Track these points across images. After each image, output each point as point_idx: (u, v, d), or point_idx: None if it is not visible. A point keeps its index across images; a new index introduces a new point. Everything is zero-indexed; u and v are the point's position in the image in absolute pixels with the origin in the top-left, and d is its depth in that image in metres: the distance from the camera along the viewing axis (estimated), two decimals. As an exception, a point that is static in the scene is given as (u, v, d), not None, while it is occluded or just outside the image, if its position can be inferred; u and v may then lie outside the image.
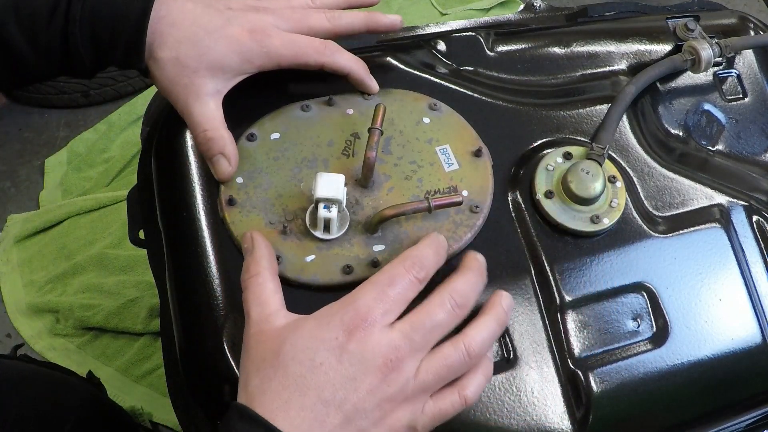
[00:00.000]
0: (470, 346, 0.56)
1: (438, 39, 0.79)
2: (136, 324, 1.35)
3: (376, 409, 0.53)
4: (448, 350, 0.56)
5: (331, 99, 0.71)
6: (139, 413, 1.23)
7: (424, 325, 0.55)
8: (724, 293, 0.70)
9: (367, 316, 0.54)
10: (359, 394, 0.52)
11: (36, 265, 1.49)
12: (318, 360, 0.52)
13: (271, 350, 0.54)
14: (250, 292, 0.58)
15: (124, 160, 1.62)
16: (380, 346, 0.53)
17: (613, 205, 0.69)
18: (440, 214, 0.66)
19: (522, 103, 0.75)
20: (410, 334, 0.54)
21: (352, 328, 0.53)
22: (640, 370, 0.66)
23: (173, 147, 0.70)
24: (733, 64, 0.84)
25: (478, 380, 0.57)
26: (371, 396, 0.53)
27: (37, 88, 1.72)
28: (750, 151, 0.82)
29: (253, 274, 0.58)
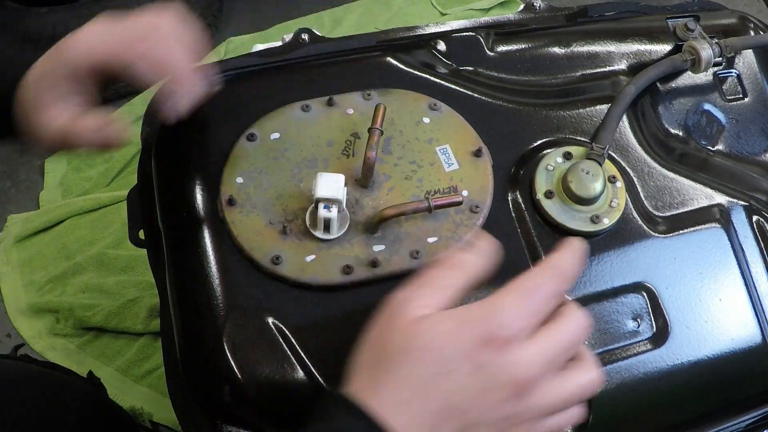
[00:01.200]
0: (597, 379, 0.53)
1: (438, 39, 0.79)
2: (136, 324, 1.35)
3: (494, 425, 0.50)
4: (578, 376, 0.52)
5: (331, 99, 0.71)
6: (139, 413, 1.23)
7: (562, 346, 0.51)
8: (724, 293, 0.70)
9: (509, 328, 0.50)
10: (484, 407, 0.49)
11: (36, 265, 1.48)
12: (452, 365, 0.49)
13: (399, 342, 0.50)
14: (433, 270, 0.53)
15: (124, 160, 1.62)
16: (516, 363, 0.50)
17: (613, 205, 0.69)
18: (440, 214, 0.66)
19: (522, 103, 0.75)
20: (547, 353, 0.51)
21: (491, 338, 0.49)
22: (640, 370, 0.66)
23: (173, 147, 0.70)
24: (733, 64, 0.84)
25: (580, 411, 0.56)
26: (495, 411, 0.49)
27: (37, 88, 1.72)
28: (750, 151, 0.82)
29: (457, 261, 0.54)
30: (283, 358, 0.61)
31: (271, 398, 0.61)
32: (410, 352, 0.50)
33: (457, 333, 0.50)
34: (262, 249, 0.64)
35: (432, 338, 0.50)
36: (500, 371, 0.49)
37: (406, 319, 0.51)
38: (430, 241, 0.65)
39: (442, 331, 0.50)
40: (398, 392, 0.49)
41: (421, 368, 0.49)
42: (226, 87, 0.73)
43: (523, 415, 0.51)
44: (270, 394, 0.61)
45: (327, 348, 0.62)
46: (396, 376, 0.49)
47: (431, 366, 0.49)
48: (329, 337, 0.62)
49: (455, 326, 0.50)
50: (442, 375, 0.49)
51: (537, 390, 0.51)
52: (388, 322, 0.52)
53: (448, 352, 0.49)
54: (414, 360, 0.49)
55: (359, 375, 0.52)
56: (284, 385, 0.61)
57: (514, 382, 0.50)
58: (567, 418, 0.54)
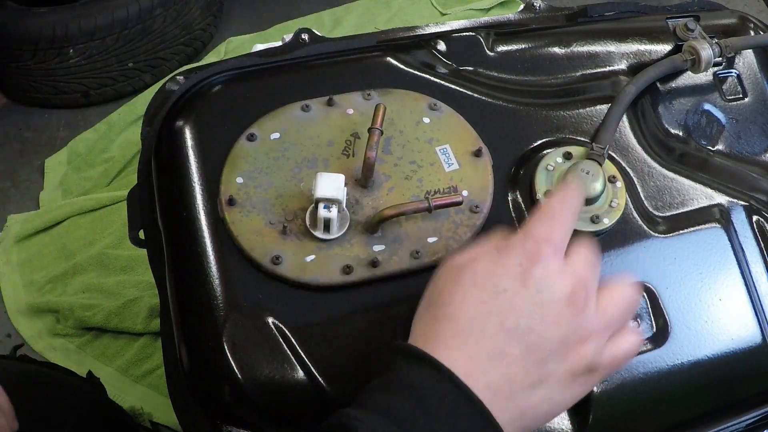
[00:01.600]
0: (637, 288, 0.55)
1: (438, 39, 0.79)
2: (136, 324, 1.35)
3: (560, 342, 0.50)
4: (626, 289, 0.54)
5: (331, 99, 0.71)
6: (139, 413, 1.23)
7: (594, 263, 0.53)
8: (724, 293, 0.70)
9: (548, 242, 0.51)
10: (545, 324, 0.49)
11: (36, 265, 1.49)
12: (502, 286, 0.50)
13: (448, 283, 0.52)
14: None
15: (124, 160, 1.63)
16: (565, 274, 0.51)
17: (613, 205, 0.69)
18: (440, 214, 0.66)
19: (522, 103, 0.75)
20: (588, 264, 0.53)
21: (534, 254, 0.51)
22: (640, 370, 0.66)
23: (173, 147, 0.70)
24: (733, 64, 0.84)
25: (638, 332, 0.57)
26: (557, 327, 0.50)
27: (37, 88, 1.73)
28: (750, 151, 0.82)
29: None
30: (283, 358, 0.61)
31: (271, 398, 0.61)
32: (459, 286, 0.51)
33: (501, 260, 0.51)
34: (262, 249, 0.64)
35: (479, 268, 0.51)
36: (550, 283, 0.50)
37: (450, 266, 0.53)
38: (430, 241, 0.65)
39: (487, 261, 0.52)
40: (452, 327, 0.49)
41: (472, 296, 0.50)
42: (226, 87, 0.73)
43: (584, 330, 0.51)
44: (270, 394, 0.61)
45: (327, 348, 0.62)
46: (447, 312, 0.50)
47: (482, 291, 0.50)
48: (329, 337, 0.62)
49: (497, 255, 0.52)
50: (495, 296, 0.50)
51: (590, 300, 0.52)
52: (438, 275, 0.54)
53: (497, 275, 0.50)
54: (464, 291, 0.50)
55: (416, 326, 0.52)
56: (284, 385, 0.61)
57: (567, 293, 0.50)
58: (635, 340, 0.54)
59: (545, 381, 0.50)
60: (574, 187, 0.58)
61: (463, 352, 0.48)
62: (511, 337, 0.49)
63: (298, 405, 0.61)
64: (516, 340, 0.49)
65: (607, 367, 0.53)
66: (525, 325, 0.49)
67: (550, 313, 0.50)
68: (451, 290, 0.51)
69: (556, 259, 0.51)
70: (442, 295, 0.52)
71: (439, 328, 0.50)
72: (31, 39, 1.62)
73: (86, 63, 1.69)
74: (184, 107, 0.72)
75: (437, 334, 0.50)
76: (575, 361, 0.51)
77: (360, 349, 0.62)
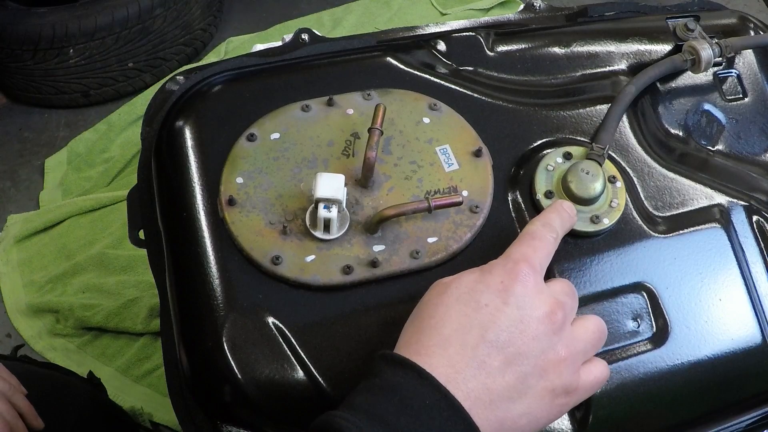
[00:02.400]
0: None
1: (438, 39, 0.79)
2: (136, 324, 1.35)
3: (538, 357, 0.52)
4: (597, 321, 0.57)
5: (331, 99, 0.71)
6: (139, 413, 1.23)
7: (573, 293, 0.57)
8: (724, 293, 0.70)
9: (527, 263, 0.55)
10: (524, 338, 0.52)
11: (36, 265, 1.49)
12: (483, 301, 0.53)
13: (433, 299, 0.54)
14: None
15: (124, 160, 1.63)
16: (543, 294, 0.54)
17: (613, 205, 0.69)
18: (440, 214, 0.66)
19: (522, 103, 0.75)
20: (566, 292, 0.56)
21: (515, 273, 0.54)
22: (640, 370, 0.66)
23: (173, 147, 0.70)
24: (733, 64, 0.84)
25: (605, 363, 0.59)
26: (536, 342, 0.52)
27: (37, 88, 1.73)
28: (750, 151, 0.82)
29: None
30: (283, 358, 0.61)
31: (271, 398, 0.61)
32: (443, 300, 0.54)
33: (483, 278, 0.54)
34: (262, 249, 0.64)
35: (462, 285, 0.54)
36: (529, 301, 0.53)
37: (437, 284, 0.56)
38: (430, 241, 0.65)
39: (471, 279, 0.54)
40: (434, 337, 0.52)
41: (455, 309, 0.53)
42: (226, 87, 0.73)
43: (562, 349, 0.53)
44: (270, 394, 0.61)
45: (327, 348, 0.62)
46: (431, 323, 0.53)
47: (465, 306, 0.53)
48: (329, 337, 0.62)
49: (480, 274, 0.55)
50: (477, 309, 0.52)
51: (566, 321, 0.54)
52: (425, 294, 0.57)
53: (479, 291, 0.53)
54: (448, 305, 0.53)
55: (401, 338, 0.55)
56: (284, 385, 0.61)
57: (546, 312, 0.53)
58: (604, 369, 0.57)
59: (524, 395, 0.52)
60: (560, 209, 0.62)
61: (444, 359, 0.50)
62: (492, 349, 0.51)
63: (298, 405, 0.61)
64: (496, 352, 0.51)
65: (582, 390, 0.55)
66: (505, 338, 0.52)
67: (529, 328, 0.52)
68: (436, 303, 0.54)
69: (534, 278, 0.55)
70: (427, 308, 0.54)
71: (423, 338, 0.52)
72: (31, 39, 1.62)
73: (86, 63, 1.69)
74: (184, 107, 0.72)
75: (421, 343, 0.52)
76: (554, 378, 0.53)
77: (360, 349, 0.62)
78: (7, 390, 0.81)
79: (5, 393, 0.81)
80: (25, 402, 0.83)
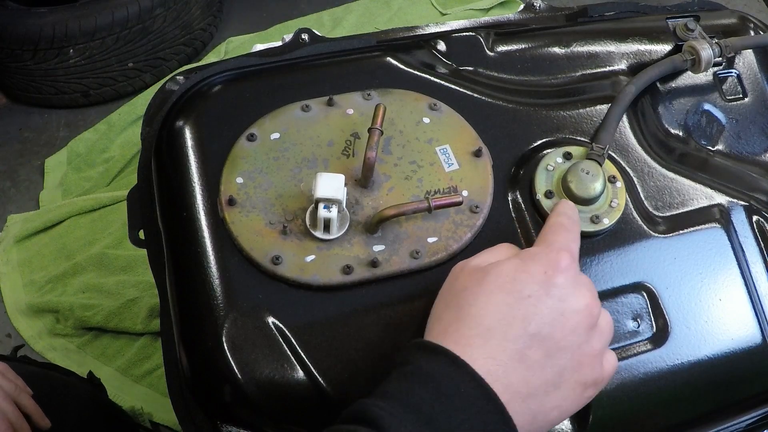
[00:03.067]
0: None
1: (438, 39, 0.79)
2: (136, 324, 1.35)
3: (576, 351, 0.51)
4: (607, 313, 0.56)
5: (331, 99, 0.71)
6: (139, 413, 1.23)
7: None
8: (724, 293, 0.70)
9: (570, 253, 0.54)
10: (564, 331, 0.51)
11: (36, 265, 1.49)
12: (526, 291, 0.51)
13: (470, 285, 0.53)
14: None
15: (124, 160, 1.63)
16: (583, 286, 0.53)
17: (613, 205, 0.69)
18: (440, 214, 0.66)
19: (522, 103, 0.75)
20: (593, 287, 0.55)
21: (557, 262, 0.53)
22: (640, 370, 0.66)
23: (173, 147, 0.70)
24: (733, 64, 0.84)
25: None
26: (574, 335, 0.51)
27: (37, 88, 1.73)
28: (750, 151, 0.82)
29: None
30: (283, 358, 0.61)
31: (271, 398, 0.61)
32: (484, 288, 0.52)
33: (525, 266, 0.53)
34: (262, 249, 0.64)
35: (503, 273, 0.52)
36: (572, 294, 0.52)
37: (472, 268, 0.55)
38: (430, 241, 0.65)
39: (512, 266, 0.53)
40: (474, 327, 0.50)
41: (497, 298, 0.51)
42: (226, 87, 0.73)
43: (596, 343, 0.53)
44: (270, 394, 0.61)
45: (327, 348, 0.62)
46: (471, 312, 0.51)
47: (507, 295, 0.51)
48: (329, 337, 0.62)
49: (521, 262, 0.53)
50: (520, 300, 0.51)
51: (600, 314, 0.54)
52: (455, 276, 0.55)
53: (521, 281, 0.52)
54: (489, 293, 0.51)
55: (433, 324, 0.53)
56: (284, 385, 0.61)
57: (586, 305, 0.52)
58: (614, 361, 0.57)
59: (559, 388, 0.51)
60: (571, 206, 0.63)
61: (485, 351, 0.49)
62: (533, 341, 0.50)
63: (298, 405, 0.61)
64: (537, 345, 0.50)
65: (604, 381, 0.55)
66: (547, 331, 0.51)
67: (569, 321, 0.51)
68: (476, 291, 0.52)
69: (575, 269, 0.54)
70: (465, 295, 0.52)
71: (463, 327, 0.51)
72: (31, 39, 1.62)
73: (86, 63, 1.69)
74: (184, 107, 0.72)
75: (460, 333, 0.50)
76: (587, 372, 0.53)
77: (360, 349, 0.62)
78: (12, 390, 0.81)
79: (11, 393, 0.81)
80: (31, 402, 0.83)
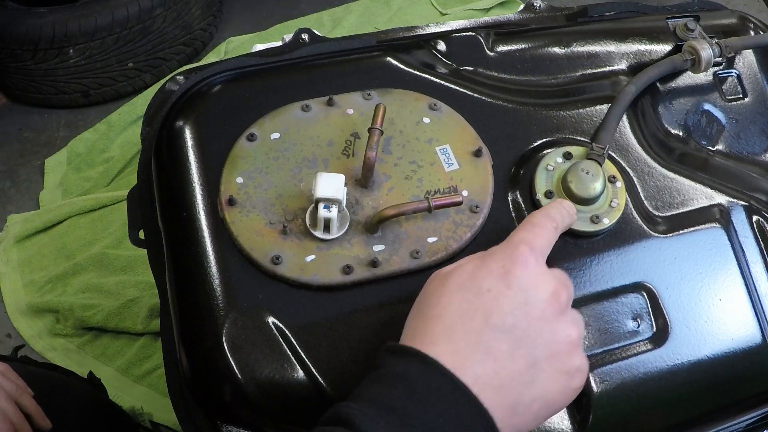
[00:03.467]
0: None
1: (438, 39, 0.79)
2: (136, 324, 1.35)
3: (549, 340, 0.51)
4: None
5: (331, 99, 0.71)
6: (139, 413, 1.23)
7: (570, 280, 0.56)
8: (724, 293, 0.70)
9: (528, 245, 0.54)
10: (531, 320, 0.51)
11: (36, 265, 1.49)
12: (485, 286, 0.52)
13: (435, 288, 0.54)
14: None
15: (124, 160, 1.63)
16: (546, 275, 0.53)
17: (613, 205, 0.69)
18: (440, 214, 0.66)
19: (522, 103, 0.75)
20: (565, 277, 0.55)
21: (515, 255, 0.53)
22: (640, 370, 0.66)
23: (173, 147, 0.70)
24: (733, 64, 0.84)
25: None
26: (544, 323, 0.51)
27: (37, 88, 1.73)
28: (750, 151, 0.82)
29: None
30: (283, 358, 0.61)
31: (271, 398, 0.61)
32: (446, 289, 0.53)
33: (484, 263, 0.53)
34: (262, 249, 0.64)
35: (464, 273, 0.53)
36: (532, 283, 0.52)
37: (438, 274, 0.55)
38: (430, 241, 0.65)
39: (472, 266, 0.54)
40: (437, 326, 0.51)
41: (458, 297, 0.52)
42: (226, 87, 0.73)
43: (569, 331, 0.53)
44: (270, 394, 0.61)
45: (327, 348, 0.62)
46: (434, 312, 0.52)
47: (467, 292, 0.52)
48: (329, 337, 0.62)
49: (481, 260, 0.54)
50: (479, 295, 0.51)
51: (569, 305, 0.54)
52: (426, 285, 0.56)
53: (480, 277, 0.52)
54: (450, 293, 0.52)
55: (405, 331, 0.54)
56: (284, 385, 0.61)
57: (551, 292, 0.52)
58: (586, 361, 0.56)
59: (537, 378, 0.51)
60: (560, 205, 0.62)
61: (449, 346, 0.50)
62: (497, 333, 0.50)
63: (298, 405, 0.61)
64: (502, 336, 0.50)
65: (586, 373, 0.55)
66: (510, 322, 0.51)
67: (534, 309, 0.52)
68: (438, 293, 0.53)
69: (536, 262, 0.54)
70: (429, 298, 0.54)
71: (426, 327, 0.52)
72: (31, 39, 1.62)
73: (86, 63, 1.69)
74: (184, 107, 0.72)
75: (424, 332, 0.51)
76: (566, 359, 0.52)
77: (360, 349, 0.62)
78: (14, 391, 0.82)
79: (12, 394, 0.81)
80: (33, 403, 0.83)
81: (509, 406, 0.50)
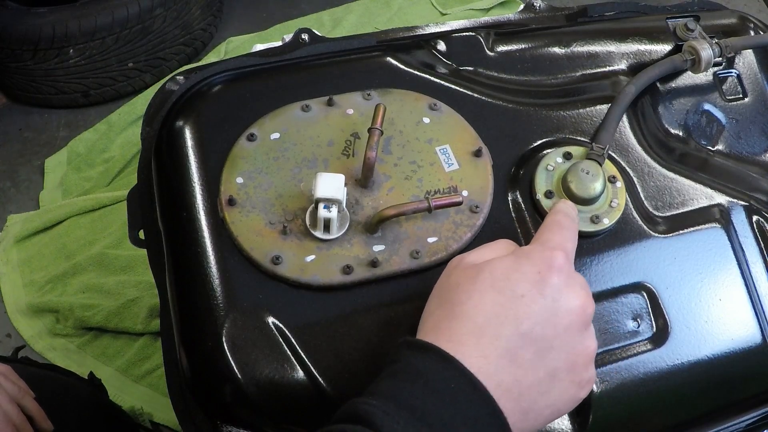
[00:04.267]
0: None
1: (438, 39, 0.79)
2: (136, 324, 1.35)
3: (570, 352, 0.51)
4: None
5: (331, 99, 0.71)
6: (139, 413, 1.23)
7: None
8: (724, 293, 0.70)
9: (564, 252, 0.54)
10: (557, 331, 0.51)
11: (36, 265, 1.49)
12: (519, 291, 0.51)
13: (463, 282, 0.52)
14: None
15: (124, 160, 1.63)
16: (577, 286, 0.53)
17: (613, 205, 0.69)
18: (440, 214, 0.66)
19: (522, 103, 0.75)
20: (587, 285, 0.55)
21: (552, 262, 0.52)
22: (640, 370, 0.66)
23: (173, 147, 0.70)
24: (733, 64, 0.84)
25: None
26: (568, 335, 0.51)
27: (37, 88, 1.73)
28: (750, 151, 0.82)
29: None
30: (283, 358, 0.61)
31: (271, 398, 0.61)
32: (477, 286, 0.52)
33: (519, 265, 0.52)
34: (262, 249, 0.64)
35: (497, 271, 0.52)
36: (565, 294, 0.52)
37: (466, 265, 0.54)
38: (430, 241, 0.65)
39: (506, 265, 0.52)
40: (466, 325, 0.50)
41: (490, 297, 0.51)
42: (226, 87, 0.73)
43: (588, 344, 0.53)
44: (270, 394, 0.61)
45: (327, 348, 0.62)
46: (463, 309, 0.51)
47: (500, 294, 0.51)
48: (329, 337, 0.62)
49: (515, 260, 0.53)
50: (513, 300, 0.50)
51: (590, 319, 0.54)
52: (449, 272, 0.55)
53: (515, 280, 0.51)
54: (482, 291, 0.51)
55: (426, 320, 0.53)
56: (284, 385, 0.61)
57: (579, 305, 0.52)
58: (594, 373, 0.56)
59: (553, 388, 0.51)
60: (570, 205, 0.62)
61: (476, 349, 0.49)
62: (525, 341, 0.50)
63: (298, 405, 0.61)
64: (529, 345, 0.50)
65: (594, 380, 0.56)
66: (539, 331, 0.50)
67: (562, 321, 0.51)
68: (468, 289, 0.52)
69: (569, 269, 0.53)
70: (457, 292, 0.52)
71: (454, 325, 0.50)
72: (31, 39, 1.62)
73: (86, 63, 1.69)
74: (184, 107, 0.72)
75: (452, 330, 0.50)
76: (581, 371, 0.53)
77: (360, 349, 0.62)
78: (16, 393, 0.82)
79: (14, 396, 0.81)
80: (35, 405, 0.83)
81: (523, 412, 0.50)
